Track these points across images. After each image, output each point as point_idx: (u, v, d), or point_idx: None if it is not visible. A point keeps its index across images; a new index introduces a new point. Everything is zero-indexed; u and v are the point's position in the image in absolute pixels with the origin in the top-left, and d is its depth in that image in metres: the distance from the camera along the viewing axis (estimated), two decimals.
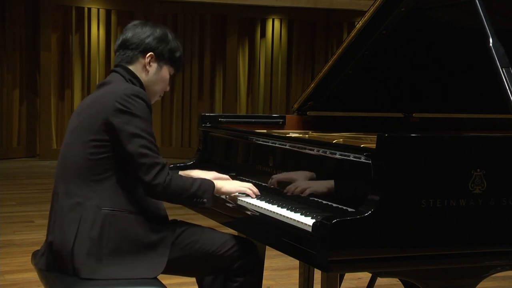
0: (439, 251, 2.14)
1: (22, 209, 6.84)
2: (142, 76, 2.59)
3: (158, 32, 2.61)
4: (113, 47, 11.47)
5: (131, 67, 2.58)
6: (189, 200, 2.51)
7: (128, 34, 2.60)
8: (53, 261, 2.46)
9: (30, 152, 11.10)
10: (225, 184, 2.66)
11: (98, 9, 11.12)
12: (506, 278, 4.48)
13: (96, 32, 11.11)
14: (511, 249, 2.23)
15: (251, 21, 12.14)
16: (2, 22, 10.65)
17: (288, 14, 12.12)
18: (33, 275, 3.73)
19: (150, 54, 2.58)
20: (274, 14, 12.08)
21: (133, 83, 2.55)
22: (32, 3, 10.86)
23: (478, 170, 2.14)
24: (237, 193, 2.66)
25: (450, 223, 2.12)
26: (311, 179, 2.53)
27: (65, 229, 2.40)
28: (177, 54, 2.66)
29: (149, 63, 2.59)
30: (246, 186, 2.66)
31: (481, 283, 2.28)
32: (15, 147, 10.96)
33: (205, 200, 2.53)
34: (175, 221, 2.62)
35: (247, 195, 2.64)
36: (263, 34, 12.24)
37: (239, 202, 2.62)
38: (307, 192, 2.49)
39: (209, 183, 2.57)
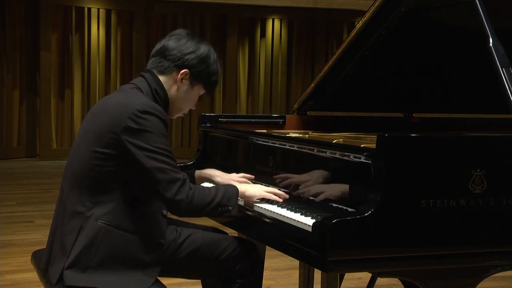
0: (439, 251, 2.14)
1: (22, 209, 6.84)
2: (171, 90, 2.49)
3: (201, 50, 2.49)
4: (113, 47, 11.52)
5: (161, 77, 2.48)
6: (215, 210, 2.41)
7: (170, 42, 2.48)
8: (49, 262, 2.44)
9: (30, 152, 11.09)
10: (249, 188, 2.55)
11: (98, 9, 11.12)
12: (506, 278, 4.48)
13: (96, 32, 11.11)
14: (511, 249, 2.23)
15: (251, 21, 12.14)
16: (2, 22, 10.64)
17: (288, 14, 12.12)
18: (33, 275, 3.72)
19: (185, 71, 2.47)
20: (274, 14, 12.08)
21: (157, 93, 2.45)
22: (32, 3, 10.86)
23: (478, 170, 2.14)
24: (257, 199, 2.55)
25: (450, 223, 2.12)
26: (324, 180, 2.46)
27: (65, 237, 2.36)
28: (214, 78, 2.54)
29: (182, 80, 2.48)
30: (270, 191, 2.54)
31: (481, 283, 2.28)
32: (15, 147, 10.95)
33: (230, 208, 2.43)
34: (175, 227, 2.57)
35: (268, 201, 2.52)
36: (263, 34, 12.24)
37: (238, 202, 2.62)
38: (321, 197, 2.39)
39: (233, 189, 2.47)
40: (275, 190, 2.56)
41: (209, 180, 2.81)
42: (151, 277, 2.39)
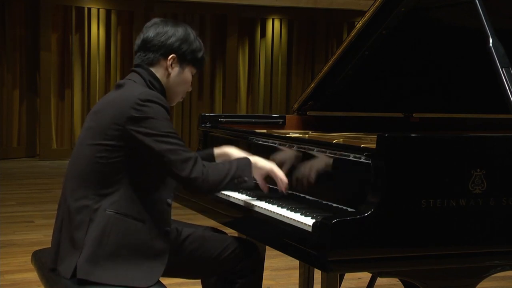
0: (439, 251, 2.14)
1: (22, 209, 6.84)
2: (164, 78, 2.53)
3: (180, 32, 2.53)
4: (113, 47, 11.52)
5: (152, 69, 2.52)
6: (231, 183, 2.47)
7: (149, 33, 2.52)
8: (58, 260, 2.44)
9: (30, 152, 11.10)
10: (259, 160, 2.59)
11: (98, 9, 11.12)
12: (506, 278, 4.48)
13: (96, 32, 11.11)
14: (511, 249, 2.23)
15: (251, 21, 12.14)
16: (2, 22, 10.64)
17: (288, 14, 12.12)
18: (33, 275, 3.73)
19: (172, 56, 2.51)
20: (274, 14, 12.09)
21: (152, 85, 2.48)
22: (32, 3, 10.86)
23: (478, 170, 2.14)
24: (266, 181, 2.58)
25: (450, 223, 2.12)
26: (318, 171, 2.48)
27: (74, 232, 2.36)
28: (199, 54, 2.58)
29: (171, 65, 2.52)
30: (279, 173, 2.56)
31: (481, 283, 2.28)
32: (15, 147, 10.95)
33: (246, 178, 2.49)
34: (176, 226, 2.58)
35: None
36: (263, 34, 12.24)
37: (237, 202, 2.62)
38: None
39: (246, 161, 2.54)
40: (282, 175, 2.56)
41: (228, 157, 2.80)
42: (162, 264, 2.41)
